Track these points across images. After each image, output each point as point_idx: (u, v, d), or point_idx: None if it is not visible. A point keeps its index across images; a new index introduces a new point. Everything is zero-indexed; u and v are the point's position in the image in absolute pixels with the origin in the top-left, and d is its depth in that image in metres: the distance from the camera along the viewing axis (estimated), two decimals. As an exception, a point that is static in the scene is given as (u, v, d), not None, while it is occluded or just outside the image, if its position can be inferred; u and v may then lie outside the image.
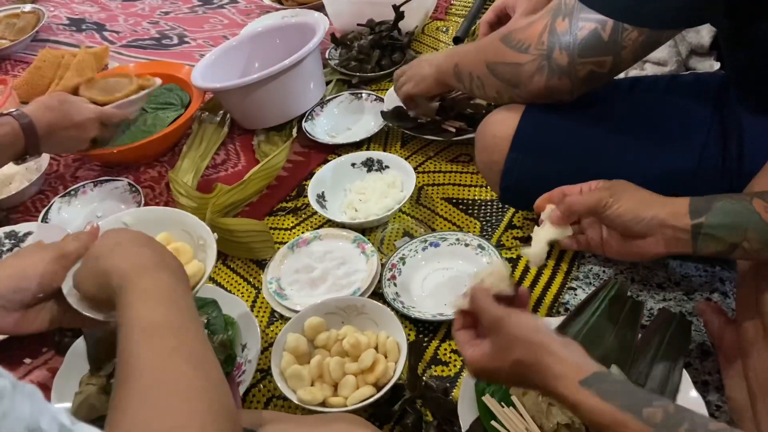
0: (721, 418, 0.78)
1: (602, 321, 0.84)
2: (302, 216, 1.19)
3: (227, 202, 1.16)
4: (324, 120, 1.39)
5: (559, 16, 0.81)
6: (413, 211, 1.16)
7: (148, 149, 1.31)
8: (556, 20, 0.81)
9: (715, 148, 0.80)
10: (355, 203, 1.16)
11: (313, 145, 1.34)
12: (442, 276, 1.02)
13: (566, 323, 0.86)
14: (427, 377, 0.89)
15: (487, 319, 0.62)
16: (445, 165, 1.24)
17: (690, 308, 0.91)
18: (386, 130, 1.34)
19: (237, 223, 1.09)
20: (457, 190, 1.19)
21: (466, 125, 1.23)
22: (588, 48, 0.79)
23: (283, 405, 0.89)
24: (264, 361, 0.93)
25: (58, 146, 1.16)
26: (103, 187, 1.27)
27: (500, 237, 1.08)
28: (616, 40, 0.78)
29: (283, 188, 1.26)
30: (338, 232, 1.10)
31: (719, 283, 0.94)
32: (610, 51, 0.79)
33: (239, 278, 1.09)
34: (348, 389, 0.83)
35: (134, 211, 0.89)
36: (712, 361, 0.84)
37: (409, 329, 0.95)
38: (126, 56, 1.77)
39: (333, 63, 1.53)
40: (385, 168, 1.21)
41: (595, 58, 0.80)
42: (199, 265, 0.78)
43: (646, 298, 0.93)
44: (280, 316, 1.01)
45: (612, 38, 0.78)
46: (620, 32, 0.77)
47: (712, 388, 0.82)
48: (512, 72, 0.87)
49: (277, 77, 1.29)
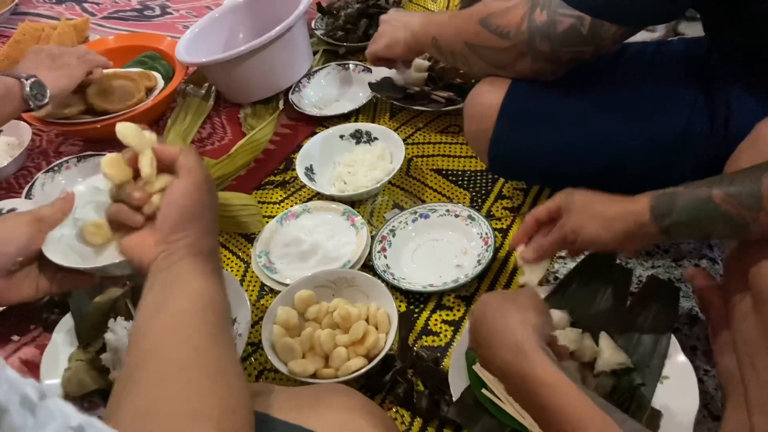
0: (709, 383, 0.79)
1: (591, 289, 0.84)
2: (291, 189, 1.18)
3: (214, 176, 1.14)
4: (311, 92, 1.37)
5: (537, 7, 0.80)
6: (403, 183, 1.15)
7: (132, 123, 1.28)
8: (534, 11, 0.80)
9: (703, 112, 0.80)
10: (344, 176, 1.15)
11: (300, 118, 1.32)
12: (433, 247, 1.01)
13: (556, 292, 0.86)
14: (418, 348, 0.89)
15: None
16: (434, 136, 1.23)
17: (679, 275, 0.92)
18: (374, 102, 1.33)
19: (225, 197, 1.08)
20: (447, 161, 1.18)
21: (455, 95, 1.22)
22: (568, 39, 0.79)
23: (274, 378, 0.89)
24: (255, 335, 0.93)
25: None
26: (86, 162, 1.25)
27: (490, 207, 1.08)
28: (595, 34, 0.77)
29: (270, 161, 1.24)
30: (327, 205, 1.09)
31: (708, 249, 0.95)
32: (590, 43, 0.78)
33: (228, 252, 1.08)
34: (339, 361, 0.83)
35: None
36: (700, 326, 0.85)
37: (399, 301, 0.95)
38: (107, 28, 1.73)
39: (319, 33, 1.50)
40: (374, 140, 1.19)
41: (576, 48, 0.79)
42: None
43: (635, 265, 0.93)
44: (269, 290, 1.01)
45: (591, 33, 0.77)
46: (599, 27, 0.76)
47: (701, 353, 0.82)
48: (495, 56, 0.87)
49: (263, 49, 1.26)
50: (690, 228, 0.66)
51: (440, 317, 0.93)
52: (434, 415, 0.80)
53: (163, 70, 1.39)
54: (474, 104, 0.92)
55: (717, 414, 0.76)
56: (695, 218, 0.65)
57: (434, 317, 0.93)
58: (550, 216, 0.77)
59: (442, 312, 0.93)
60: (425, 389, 0.83)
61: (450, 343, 0.89)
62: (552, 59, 0.82)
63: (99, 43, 1.51)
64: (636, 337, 0.79)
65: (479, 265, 0.94)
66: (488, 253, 0.95)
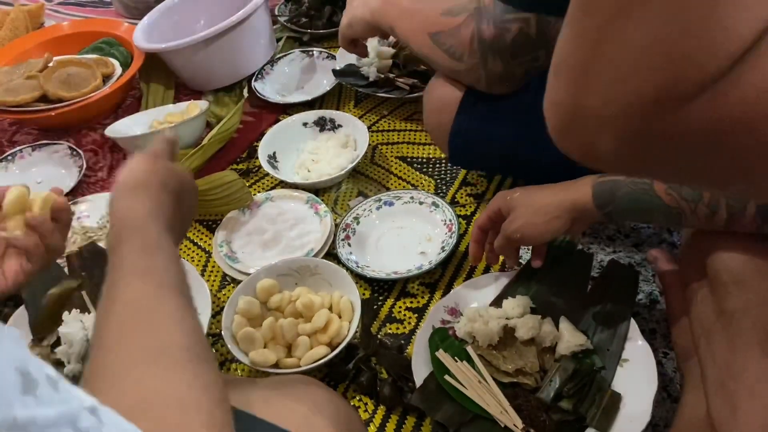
0: (668, 365, 0.80)
1: (552, 275, 0.85)
2: (254, 178, 1.16)
3: (190, 167, 1.12)
4: (275, 79, 1.35)
5: (482, 22, 0.79)
6: (367, 171, 1.14)
7: (88, 111, 1.25)
8: (481, 27, 0.79)
9: None
10: (307, 163, 1.13)
11: (263, 105, 1.30)
12: (397, 235, 1.01)
13: (518, 277, 0.86)
14: (382, 335, 0.89)
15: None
16: (399, 123, 1.22)
17: (639, 259, 0.93)
18: (339, 89, 1.31)
19: (211, 180, 1.05)
20: (412, 148, 1.17)
21: (420, 82, 1.21)
22: (519, 48, 0.78)
23: (236, 368, 0.87)
24: (216, 326, 0.91)
25: None
26: (42, 151, 1.21)
27: (455, 194, 1.07)
28: (543, 33, 0.77)
29: (233, 150, 1.22)
30: (291, 193, 1.08)
31: (667, 233, 0.96)
32: (541, 45, 0.78)
33: (188, 242, 1.06)
34: (302, 350, 0.82)
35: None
36: (659, 309, 0.86)
37: (364, 289, 0.94)
38: (63, 14, 1.68)
39: (283, 20, 1.48)
40: (338, 127, 1.18)
41: (529, 55, 0.79)
42: None
43: (596, 250, 0.94)
44: (231, 280, 0.99)
45: (539, 33, 0.77)
46: (545, 26, 0.76)
47: (660, 336, 0.84)
48: (450, 73, 0.88)
49: (224, 35, 1.24)
50: (630, 214, 0.68)
51: (404, 305, 0.92)
52: (397, 403, 0.80)
53: (121, 57, 1.35)
54: (434, 98, 0.92)
55: (676, 395, 0.77)
56: (635, 207, 0.67)
57: (398, 305, 0.92)
58: (492, 221, 0.79)
59: (406, 299, 0.93)
60: (389, 377, 0.82)
61: (414, 330, 0.89)
62: (506, 78, 0.82)
63: (54, 30, 1.46)
64: (596, 321, 0.80)
65: (443, 252, 0.94)
66: (452, 240, 0.95)
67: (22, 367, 0.27)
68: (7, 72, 1.29)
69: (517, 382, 0.75)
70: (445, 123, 0.90)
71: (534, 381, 0.75)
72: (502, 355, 0.77)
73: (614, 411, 0.71)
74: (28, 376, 0.27)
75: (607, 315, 0.79)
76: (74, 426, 0.29)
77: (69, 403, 0.29)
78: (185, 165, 1.10)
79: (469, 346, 0.80)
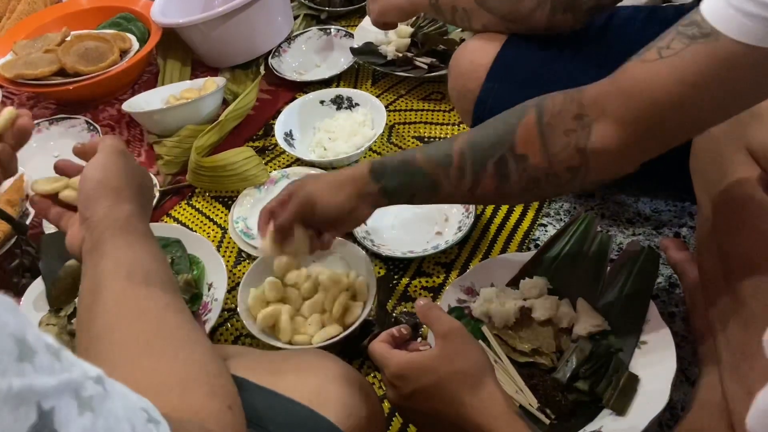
0: (687, 348, 0.79)
1: (571, 255, 0.84)
2: (270, 155, 1.16)
3: (205, 144, 1.12)
4: (291, 57, 1.34)
5: None
6: (384, 150, 1.13)
7: (106, 85, 1.25)
8: None
9: None
10: (324, 141, 1.13)
11: (280, 83, 1.29)
12: (413, 214, 1.00)
13: (536, 258, 0.85)
14: (397, 314, 0.88)
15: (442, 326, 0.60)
16: (416, 103, 1.21)
17: (659, 243, 0.91)
18: (356, 68, 1.30)
19: (228, 156, 1.06)
20: (429, 128, 1.16)
21: (438, 62, 1.20)
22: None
23: (251, 343, 0.88)
24: (232, 300, 0.91)
25: None
26: (59, 125, 1.21)
27: (472, 175, 1.06)
28: None
29: (249, 127, 1.22)
30: (307, 171, 1.07)
31: (688, 217, 0.94)
32: None
33: (204, 218, 1.06)
34: (316, 327, 0.82)
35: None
36: (678, 294, 0.85)
37: (379, 267, 0.94)
38: (81, -11, 1.67)
39: (300, -3, 1.46)
40: (355, 105, 1.17)
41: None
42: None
43: (615, 233, 0.93)
44: (247, 256, 0.99)
45: None
46: None
47: (678, 320, 0.83)
48: (509, 8, 0.83)
49: (241, 11, 1.23)
50: (401, 189, 0.68)
51: (420, 284, 0.92)
52: (412, 380, 0.80)
53: (138, 32, 1.35)
54: (462, 61, 0.89)
55: (694, 379, 0.76)
56: (402, 180, 0.67)
57: (414, 283, 0.92)
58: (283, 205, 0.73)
59: (422, 278, 0.92)
60: (403, 355, 0.82)
61: (429, 310, 0.88)
62: (572, 7, 0.79)
63: (71, 4, 1.46)
64: (615, 303, 0.79)
65: (459, 231, 0.93)
66: (469, 220, 0.94)
67: (17, 333, 0.26)
68: (26, 46, 1.30)
69: (533, 362, 0.75)
70: (472, 89, 0.87)
71: (550, 361, 0.75)
72: (518, 335, 0.77)
73: (631, 392, 0.70)
74: (25, 344, 0.27)
75: (625, 297, 0.78)
76: (77, 394, 0.28)
77: (71, 372, 0.29)
78: (202, 141, 1.10)
79: (485, 326, 0.79)
